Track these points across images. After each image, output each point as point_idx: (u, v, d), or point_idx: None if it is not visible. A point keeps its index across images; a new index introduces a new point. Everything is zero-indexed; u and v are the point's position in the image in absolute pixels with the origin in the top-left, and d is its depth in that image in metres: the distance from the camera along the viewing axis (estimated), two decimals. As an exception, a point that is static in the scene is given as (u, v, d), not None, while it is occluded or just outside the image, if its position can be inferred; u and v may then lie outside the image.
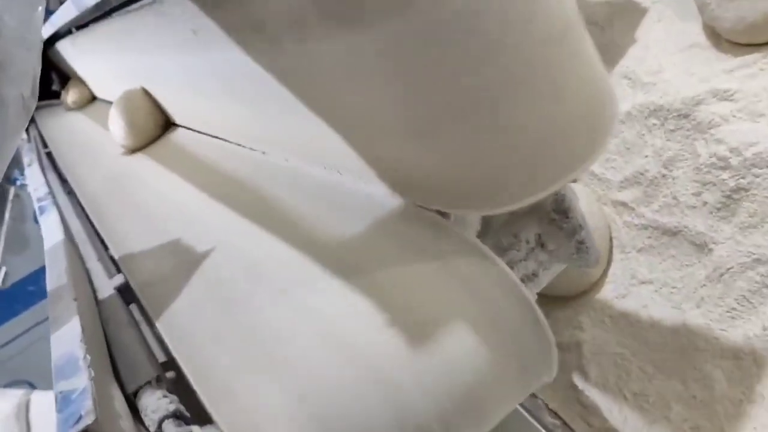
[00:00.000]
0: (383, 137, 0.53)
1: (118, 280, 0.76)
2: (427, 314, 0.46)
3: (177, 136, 1.26)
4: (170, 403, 0.52)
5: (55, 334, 0.56)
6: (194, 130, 1.21)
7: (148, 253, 0.74)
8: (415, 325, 0.45)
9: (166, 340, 0.58)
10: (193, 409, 0.51)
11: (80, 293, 0.61)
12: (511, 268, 0.55)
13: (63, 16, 1.47)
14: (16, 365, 3.37)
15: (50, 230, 0.78)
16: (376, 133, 0.52)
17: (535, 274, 0.55)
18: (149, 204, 0.91)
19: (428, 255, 0.50)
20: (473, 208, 0.51)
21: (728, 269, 0.96)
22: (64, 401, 0.44)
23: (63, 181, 1.41)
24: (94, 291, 0.76)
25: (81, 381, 0.45)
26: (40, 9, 0.63)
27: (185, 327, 0.57)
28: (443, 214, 0.54)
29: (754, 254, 0.93)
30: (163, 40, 0.89)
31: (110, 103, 1.54)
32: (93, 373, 0.49)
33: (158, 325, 0.60)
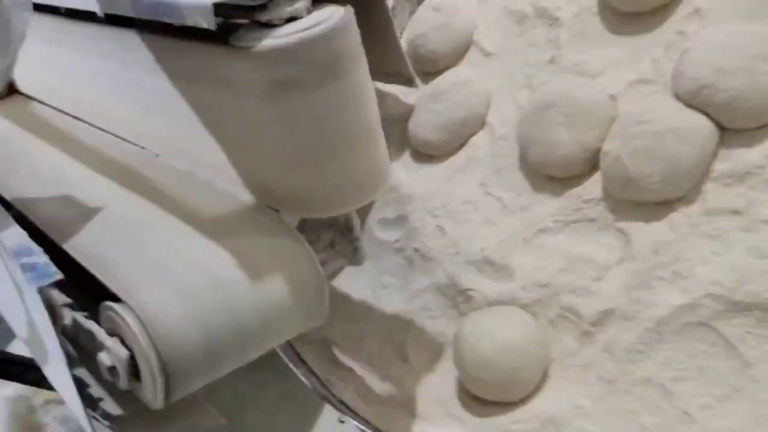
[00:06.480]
0: (264, 163, 0.82)
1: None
2: (251, 267, 0.74)
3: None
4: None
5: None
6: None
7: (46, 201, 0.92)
8: (243, 272, 0.73)
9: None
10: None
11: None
12: (310, 256, 0.88)
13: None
14: None
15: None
16: (259, 159, 0.81)
17: (324, 263, 0.88)
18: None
19: (261, 233, 0.80)
20: (305, 212, 0.83)
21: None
22: (30, 267, 0.62)
23: None
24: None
25: (41, 258, 0.65)
26: None
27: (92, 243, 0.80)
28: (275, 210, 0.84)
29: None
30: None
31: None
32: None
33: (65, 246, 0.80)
